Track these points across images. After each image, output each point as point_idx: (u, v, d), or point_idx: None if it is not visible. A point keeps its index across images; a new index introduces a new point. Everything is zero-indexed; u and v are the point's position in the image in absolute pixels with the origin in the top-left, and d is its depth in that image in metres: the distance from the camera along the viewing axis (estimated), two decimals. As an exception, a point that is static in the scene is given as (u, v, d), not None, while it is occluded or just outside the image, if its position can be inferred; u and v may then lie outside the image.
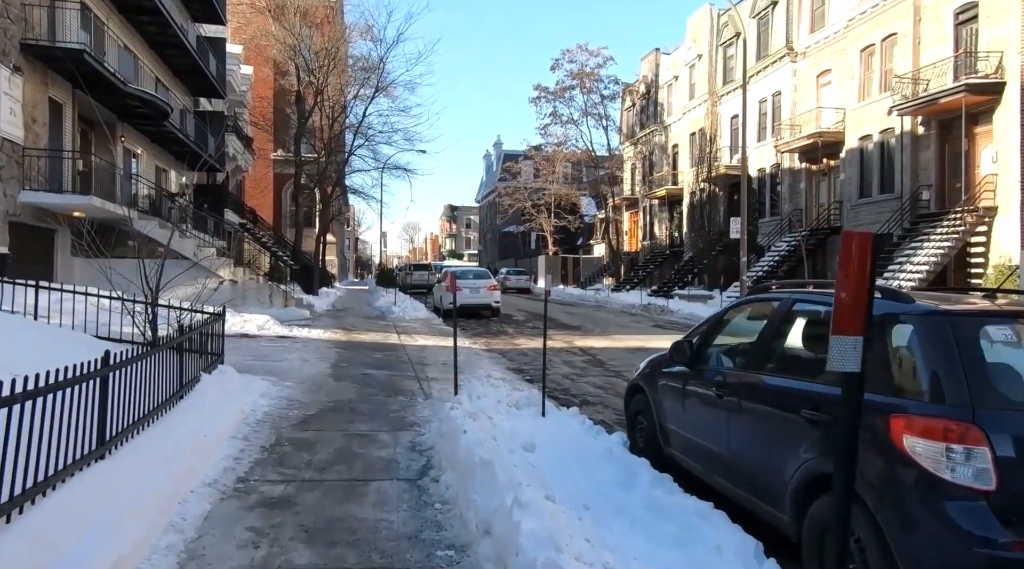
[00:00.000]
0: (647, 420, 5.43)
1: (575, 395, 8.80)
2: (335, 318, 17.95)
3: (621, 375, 10.41)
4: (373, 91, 25.74)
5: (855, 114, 24.17)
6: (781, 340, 4.04)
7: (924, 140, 21.31)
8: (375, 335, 14.26)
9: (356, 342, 12.89)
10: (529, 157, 54.97)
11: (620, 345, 14.22)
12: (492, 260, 69.95)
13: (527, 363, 11.59)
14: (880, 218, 22.96)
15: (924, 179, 21.25)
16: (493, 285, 20.40)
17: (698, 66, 35.67)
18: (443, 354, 11.64)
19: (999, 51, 18.50)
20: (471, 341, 14.38)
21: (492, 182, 71.42)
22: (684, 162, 37.67)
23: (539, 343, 14.56)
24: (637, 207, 44.33)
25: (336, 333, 14.14)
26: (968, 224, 18.65)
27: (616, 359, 12.10)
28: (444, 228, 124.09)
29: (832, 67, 25.85)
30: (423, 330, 15.77)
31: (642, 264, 40.39)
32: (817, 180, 27.42)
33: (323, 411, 6.75)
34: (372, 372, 9.42)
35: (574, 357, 12.35)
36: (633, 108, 44.44)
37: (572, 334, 16.42)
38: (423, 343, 13.23)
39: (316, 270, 25.49)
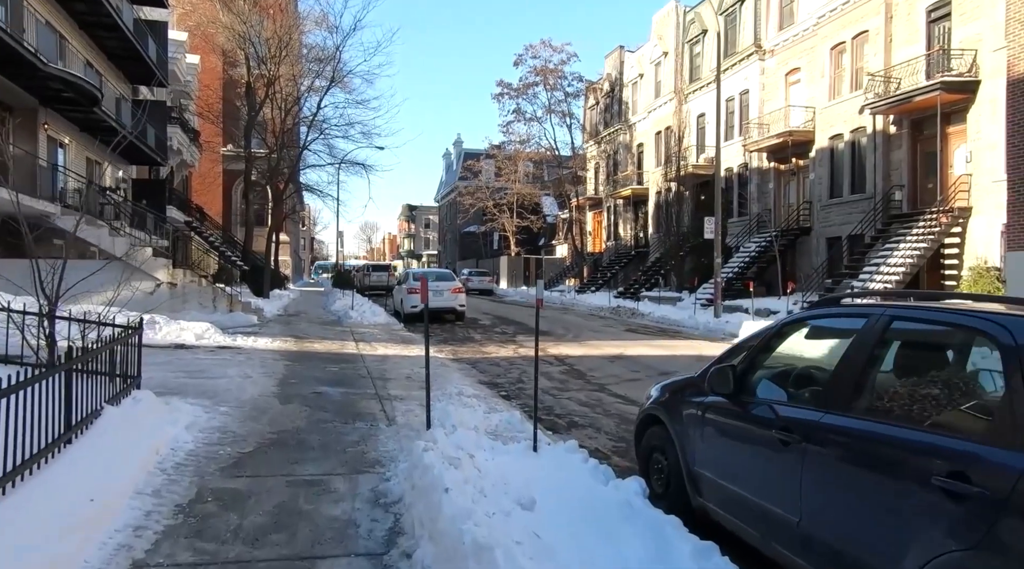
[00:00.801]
0: (668, 460, 4.39)
1: (560, 415, 7.74)
2: (286, 324, 16.53)
3: (606, 389, 9.41)
4: (328, 82, 24.30)
5: (825, 113, 23.80)
6: (876, 370, 3.04)
7: (896, 139, 21.00)
8: (330, 344, 12.95)
9: (308, 352, 11.58)
10: (491, 156, 53.89)
11: (597, 352, 13.24)
12: (452, 261, 68.63)
13: (500, 375, 10.49)
14: (851, 218, 22.61)
15: (896, 179, 20.93)
16: (458, 287, 19.25)
17: (664, 64, 35.13)
18: (406, 365, 10.47)
19: (973, 49, 18.22)
20: (436, 349, 13.20)
21: (452, 181, 70.10)
22: (649, 161, 37.11)
23: (510, 351, 13.51)
24: (601, 207, 43.67)
25: (286, 342, 12.78)
26: (943, 225, 18.31)
27: (596, 369, 11.11)
28: (402, 228, 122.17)
29: (801, 65, 25.48)
30: (383, 337, 14.52)
31: (607, 265, 39.73)
32: (786, 180, 27.06)
33: (263, 446, 5.51)
34: (326, 390, 8.18)
35: (550, 367, 11.30)
36: (597, 106, 43.78)
37: (544, 340, 15.38)
38: (384, 352, 12.01)
39: (267, 271, 23.89)
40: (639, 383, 9.94)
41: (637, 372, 10.91)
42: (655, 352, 13.47)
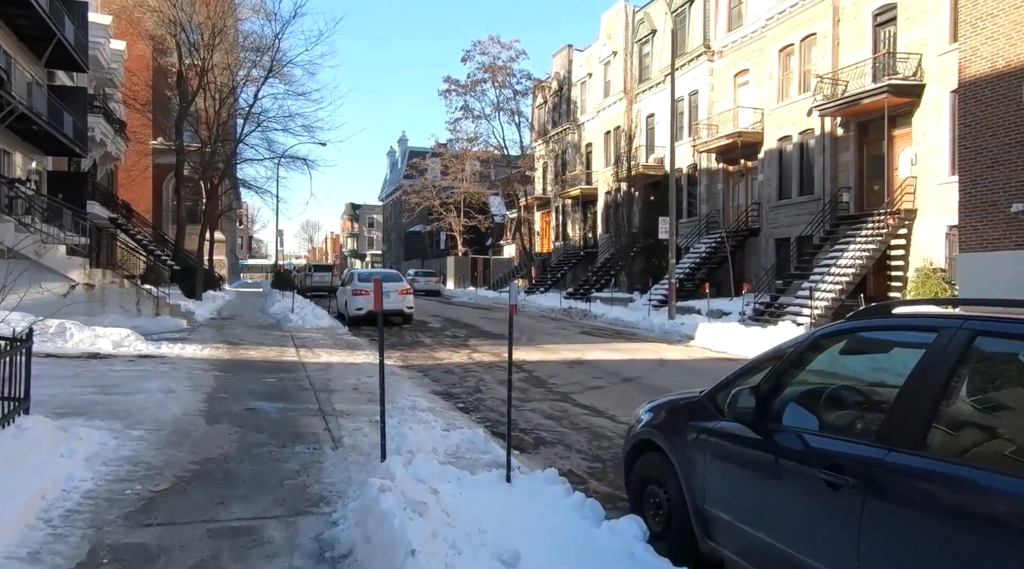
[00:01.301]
0: (668, 494, 3.76)
1: (525, 430, 7.06)
2: (219, 329, 15.30)
3: (570, 398, 8.78)
4: (266, 73, 22.94)
5: (774, 115, 23.93)
6: (956, 398, 2.47)
7: (843, 142, 21.21)
8: (268, 350, 11.91)
9: (243, 361, 10.54)
10: (437, 154, 52.88)
11: (555, 358, 12.62)
12: (397, 261, 67.21)
13: (455, 384, 9.73)
14: (800, 220, 22.76)
15: (844, 181, 21.14)
16: (405, 289, 18.34)
17: (613, 63, 34.96)
18: (352, 374, 9.60)
19: (918, 53, 18.49)
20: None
21: (397, 180, 68.66)
22: (598, 161, 36.91)
23: (463, 357, 12.74)
24: (549, 207, 43.30)
25: (218, 349, 11.67)
26: (890, 227, 18.51)
27: (556, 376, 10.48)
28: (345, 227, 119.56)
29: (750, 67, 25.59)
30: (327, 342, 13.54)
31: (555, 265, 39.36)
32: (735, 181, 27.17)
33: (183, 481, 4.62)
34: (261, 406, 7.26)
35: (501, 371, 10.59)
36: (545, 105, 43.38)
37: (498, 344, 14.68)
38: (328, 360, 11.08)
39: (199, 271, 22.39)
40: (604, 391, 9.37)
41: (599, 379, 10.34)
42: (614, 356, 12.95)
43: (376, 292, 4.52)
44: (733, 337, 15.20)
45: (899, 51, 18.94)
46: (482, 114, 39.60)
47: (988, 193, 13.05)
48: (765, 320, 18.80)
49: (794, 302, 18.97)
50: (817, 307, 17.80)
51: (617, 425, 7.28)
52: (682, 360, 12.81)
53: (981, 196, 13.20)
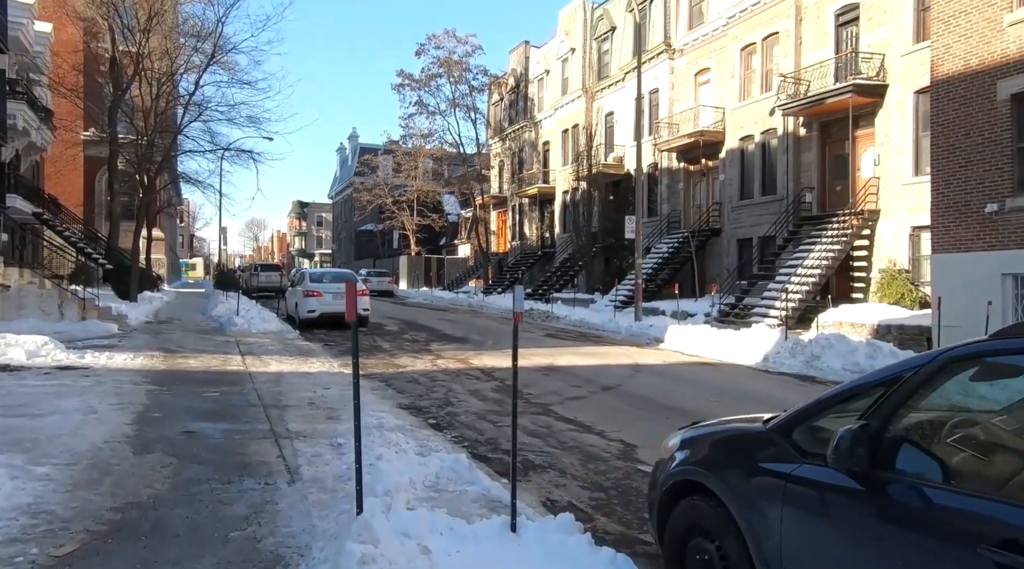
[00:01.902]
0: (725, 551, 3.00)
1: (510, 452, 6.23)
2: (155, 334, 13.95)
3: (551, 411, 8.00)
4: (208, 58, 21.41)
5: (736, 114, 23.74)
6: None
7: (806, 142, 21.11)
8: (210, 359, 10.75)
9: (181, 372, 9.39)
10: (390, 151, 51.52)
11: (525, 363, 11.82)
12: (348, 260, 65.41)
13: (423, 396, 8.84)
14: (762, 220, 22.60)
15: (807, 181, 21.04)
16: (361, 290, 17.24)
17: (571, 60, 34.45)
18: (307, 386, 8.60)
19: (881, 53, 18.44)
20: (339, 362, 11.34)
21: (348, 177, 66.82)
22: (556, 160, 36.36)
23: (426, 363, 11.78)
24: (506, 206, 42.56)
25: (152, 357, 10.45)
26: (854, 227, 18.41)
27: (531, 385, 9.70)
28: (293, 226, 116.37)
29: (711, 66, 25.38)
30: (276, 348, 12.42)
31: (512, 265, 38.64)
32: (696, 181, 26.95)
33: (96, 540, 3.63)
34: (201, 429, 6.24)
35: (479, 383, 9.78)
36: (501, 102, 42.62)
37: (463, 348, 13.83)
38: (278, 369, 10.01)
39: (134, 270, 20.75)
40: (585, 402, 8.63)
41: (578, 387, 9.60)
42: (587, 362, 12.26)
43: (349, 298, 3.64)
44: (704, 340, 14.72)
45: (862, 51, 18.89)
46: (437, 110, 38.61)
47: (961, 193, 12.88)
48: (731, 322, 18.46)
49: (760, 303, 18.70)
50: (785, 308, 17.54)
51: (609, 443, 6.54)
52: (656, 365, 12.21)
53: (954, 196, 13.03)
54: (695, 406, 8.37)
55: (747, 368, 12.29)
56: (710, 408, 8.26)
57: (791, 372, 11.61)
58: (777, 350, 12.85)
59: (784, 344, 12.91)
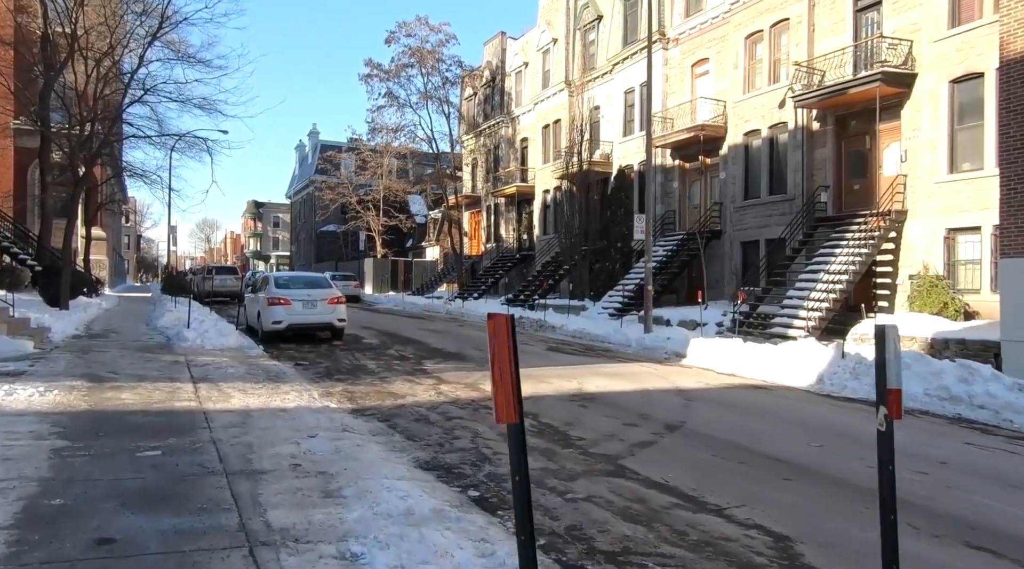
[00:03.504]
0: None
1: (612, 555, 4.10)
2: (83, 352, 11.31)
3: (625, 469, 5.90)
4: (155, 30, 18.64)
5: (739, 107, 22.10)
6: None
7: (820, 136, 19.55)
8: (151, 390, 8.29)
9: (109, 414, 6.95)
10: (353, 148, 48.79)
11: (550, 390, 9.72)
12: (308, 263, 62.20)
13: (442, 443, 6.63)
14: (770, 221, 21.00)
15: (820, 179, 19.46)
16: (336, 297, 14.86)
17: (553, 52, 32.51)
18: (284, 431, 6.32)
19: (908, 39, 16.95)
20: (319, 390, 9.04)
21: (308, 175, 63.63)
22: (535, 157, 34.37)
23: (428, 390, 9.29)
24: (480, 206, 40.38)
25: (72, 391, 7.95)
26: (882, 229, 16.85)
27: (573, 423, 7.60)
28: (248, 226, 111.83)
29: (710, 56, 23.73)
30: (237, 371, 10.00)
31: (488, 269, 36.45)
32: (692, 179, 25.26)
33: None
34: (129, 535, 3.92)
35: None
36: (475, 97, 40.44)
37: (463, 368, 11.62)
38: (243, 404, 7.66)
39: (65, 272, 17.86)
40: (658, 449, 6.57)
41: (634, 426, 7.54)
42: (619, 386, 10.22)
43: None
44: (735, 355, 12.84)
45: (887, 36, 17.36)
46: (408, 103, 36.18)
47: (1038, 189, 11.28)
48: (749, 332, 16.70)
49: (780, 312, 16.97)
50: (811, 318, 15.85)
51: (747, 533, 4.47)
52: (701, 390, 10.24)
53: (1029, 192, 11.43)
54: (799, 454, 6.41)
55: (803, 392, 10.44)
56: (820, 458, 6.30)
57: (860, 398, 9.78)
58: (833, 369, 11.02)
59: (842, 363, 11.09)
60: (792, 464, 6.12)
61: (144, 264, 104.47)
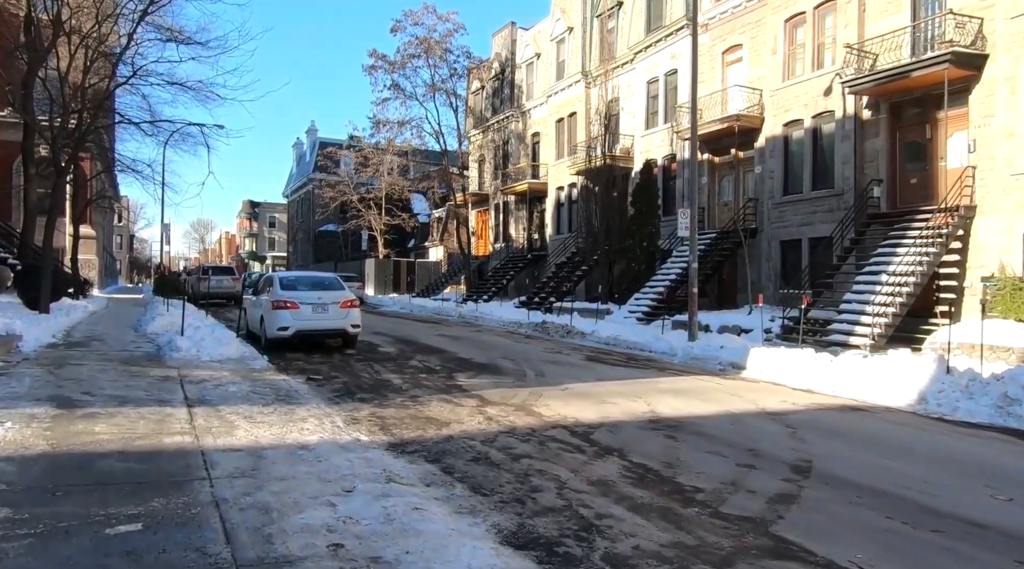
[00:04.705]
0: None
1: None
2: (56, 367, 9.59)
3: (788, 545, 4.26)
4: (146, 4, 16.90)
5: (778, 96, 20.54)
6: None
7: (872, 126, 17.98)
8: (134, 420, 6.59)
9: (75, 459, 5.26)
10: (353, 145, 47.12)
11: (616, 412, 8.09)
12: (305, 264, 60.42)
13: (521, 500, 4.96)
14: (814, 218, 19.43)
15: (872, 173, 17.89)
16: (349, 300, 13.18)
17: (569, 41, 30.90)
18: (308, 482, 4.67)
19: (978, 17, 15.40)
20: (342, 415, 7.38)
21: (306, 173, 61.86)
22: (548, 153, 32.75)
23: (472, 413, 7.36)
24: (487, 204, 38.73)
25: (32, 422, 6.26)
26: (950, 226, 15.28)
27: (673, 462, 5.98)
28: (243, 226, 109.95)
29: (743, 42, 22.16)
30: (240, 391, 8.33)
31: (497, 270, 34.78)
32: (723, 174, 23.68)
33: None
34: None
35: (591, 462, 5.98)
36: (482, 91, 38.81)
37: (503, 383, 9.96)
38: (251, 439, 5.99)
39: (45, 272, 16.15)
40: (806, 505, 4.94)
41: (750, 467, 5.92)
42: (697, 408, 8.59)
43: None
44: (808, 368, 11.25)
45: (952, 14, 15.81)
46: (414, 95, 34.49)
47: None
48: (798, 339, 15.12)
49: (837, 318, 15.39)
50: (876, 324, 14.26)
51: None
52: (794, 412, 8.63)
53: None
54: (998, 515, 4.79)
55: (908, 414, 8.84)
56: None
57: (985, 422, 8.20)
58: (938, 386, 9.42)
59: (947, 378, 9.49)
60: (1006, 534, 4.50)
61: (137, 265, 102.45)
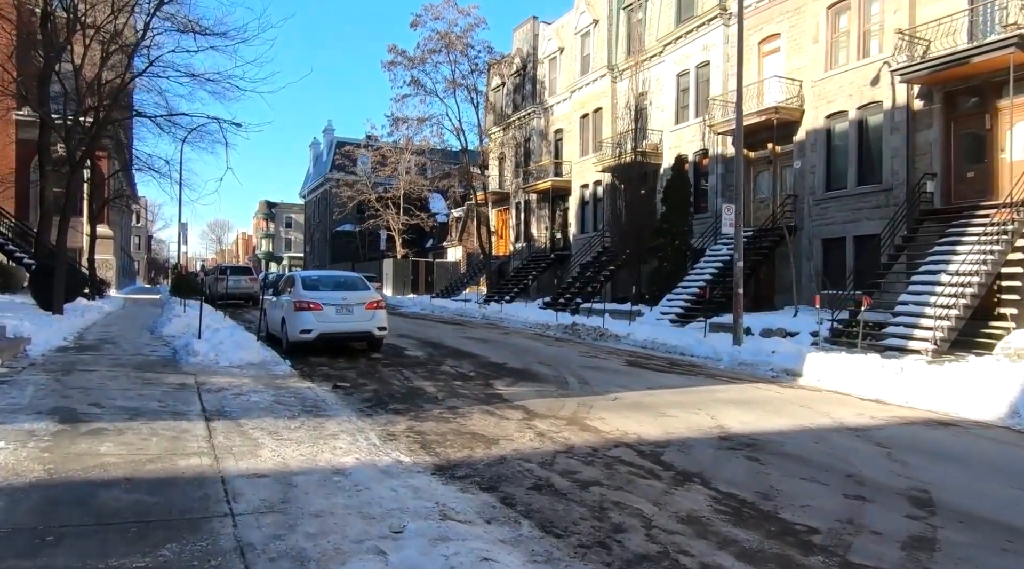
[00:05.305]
0: None
1: None
2: (63, 373, 8.89)
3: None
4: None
5: (820, 86, 19.53)
6: None
7: (924, 117, 16.95)
8: (147, 438, 5.82)
9: (73, 486, 4.51)
10: (370, 144, 46.53)
11: (681, 427, 7.24)
12: (322, 264, 59.97)
13: (600, 532, 4.13)
14: (859, 215, 18.41)
15: (924, 166, 16.87)
16: (375, 301, 12.41)
17: (594, 34, 30.02)
18: (352, 521, 3.86)
19: (1046, -1, 14.36)
20: (377, 430, 6.60)
21: (323, 173, 61.43)
22: (572, 150, 31.88)
23: (521, 430, 6.36)
24: (507, 203, 37.93)
25: (30, 438, 5.52)
26: (1016, 223, 14.24)
27: (762, 489, 5.15)
28: (259, 227, 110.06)
29: (781, 31, 21.17)
30: (263, 401, 7.57)
31: (519, 270, 33.97)
32: (758, 169, 22.68)
33: None
34: None
35: (644, 478, 5.15)
36: (503, 88, 38.02)
37: (545, 392, 9.13)
38: (278, 462, 5.21)
39: (59, 272, 15.56)
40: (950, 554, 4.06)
41: (861, 498, 5.05)
42: (767, 422, 7.72)
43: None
44: (874, 376, 10.31)
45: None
46: (434, 91, 33.76)
47: None
48: (850, 343, 14.17)
49: (893, 321, 14.39)
50: (938, 328, 13.26)
51: None
52: (877, 427, 7.72)
53: None
54: None
55: (1002, 429, 7.90)
56: None
57: (1096, 439, 7.23)
58: (1032, 397, 8.47)
59: (1043, 389, 8.53)
60: None
61: (155, 265, 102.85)
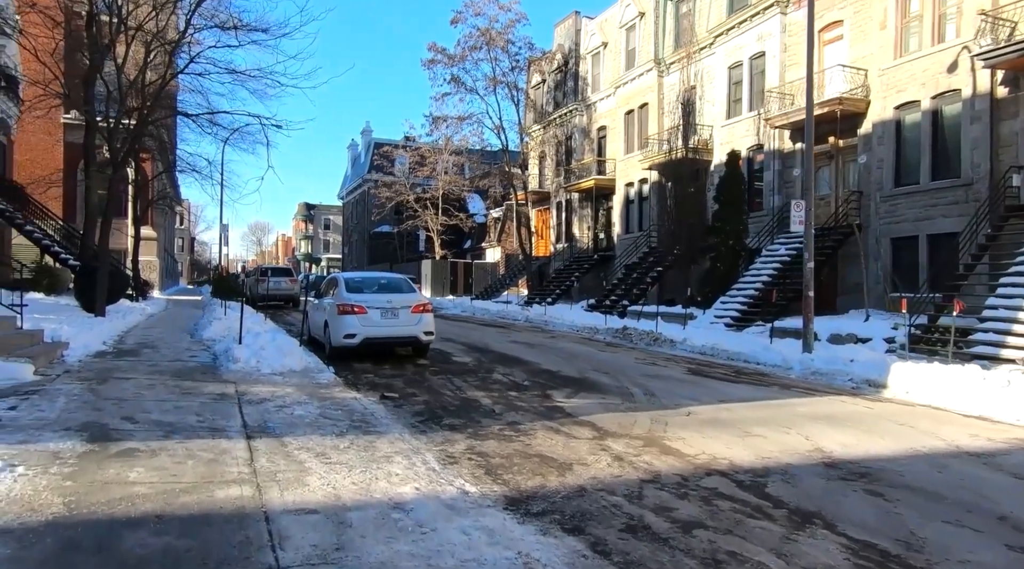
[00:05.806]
0: None
1: None
2: (98, 382, 8.40)
3: None
4: (203, -10, 15.96)
5: (889, 75, 18.29)
6: None
7: (1008, 105, 15.65)
8: (179, 460, 5.20)
9: (95, 525, 3.91)
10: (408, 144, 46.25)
11: (774, 450, 6.38)
12: (360, 265, 60.03)
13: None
14: (934, 212, 17.14)
15: (1009, 159, 15.57)
16: (421, 304, 11.77)
17: (640, 27, 29.06)
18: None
19: None
20: (435, 451, 5.90)
21: (361, 174, 61.52)
22: (616, 147, 30.95)
23: (600, 454, 5.21)
24: (548, 203, 37.15)
25: (53, 462, 4.94)
26: (1121, 218, 12.93)
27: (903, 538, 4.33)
28: (298, 229, 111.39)
29: (844, 18, 19.96)
30: (308, 414, 6.94)
31: (560, 272, 33.16)
32: (818, 165, 21.42)
33: None
34: None
35: (753, 517, 4.34)
36: (543, 85, 37.27)
37: (608, 404, 8.33)
38: (328, 493, 4.55)
39: (101, 275, 15.33)
40: None
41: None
42: (869, 444, 6.80)
43: None
44: (975, 390, 9.24)
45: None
46: (474, 89, 33.18)
47: None
48: (931, 351, 13.03)
49: (980, 327, 13.20)
50: (1035, 334, 12.06)
51: None
52: (1000, 452, 6.73)
53: None
54: None
55: None
56: None
57: None
58: None
59: None
60: None
61: (198, 267, 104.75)
